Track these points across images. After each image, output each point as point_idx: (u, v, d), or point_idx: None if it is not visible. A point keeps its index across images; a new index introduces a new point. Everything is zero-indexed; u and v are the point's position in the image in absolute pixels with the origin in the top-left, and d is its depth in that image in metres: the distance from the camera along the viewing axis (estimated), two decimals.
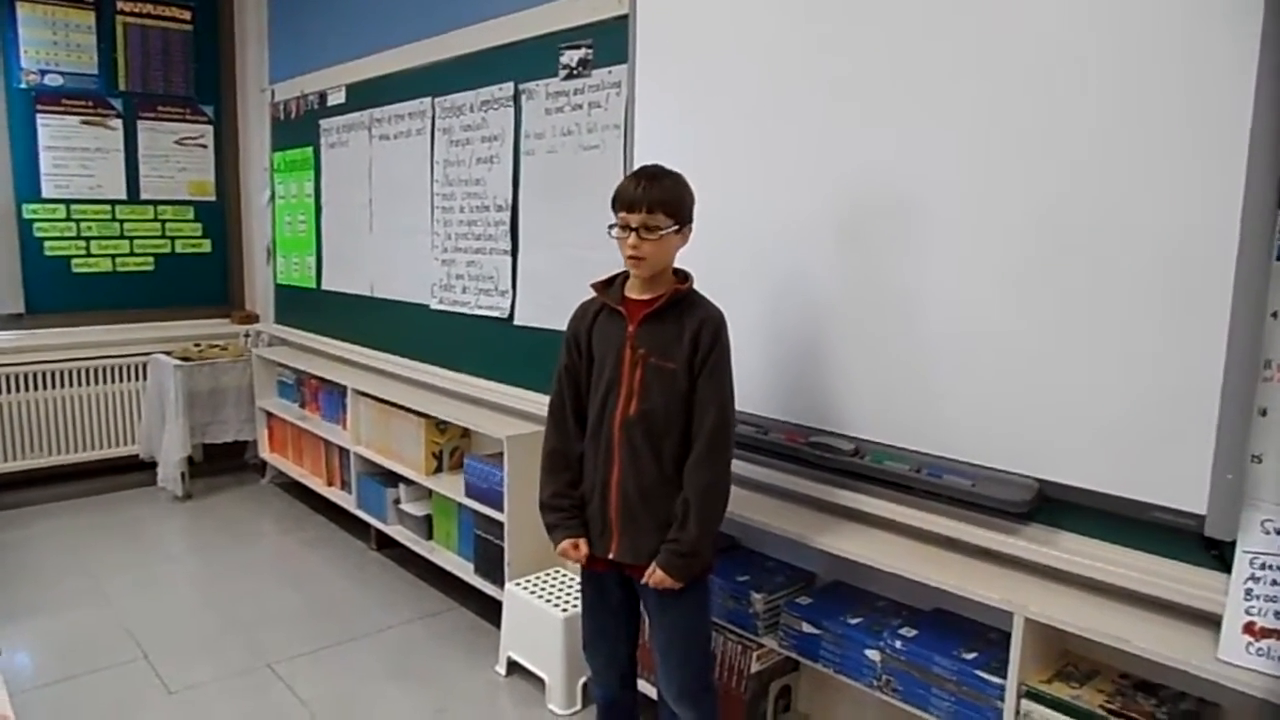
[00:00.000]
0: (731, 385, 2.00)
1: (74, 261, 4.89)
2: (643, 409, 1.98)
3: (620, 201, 1.96)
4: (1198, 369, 1.63)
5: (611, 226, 1.99)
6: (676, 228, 1.96)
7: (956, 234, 1.98)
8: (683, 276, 2.04)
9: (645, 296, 2.02)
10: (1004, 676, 1.81)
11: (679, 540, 1.95)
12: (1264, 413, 1.58)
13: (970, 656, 1.93)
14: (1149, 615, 1.74)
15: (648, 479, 1.99)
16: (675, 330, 1.98)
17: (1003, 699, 1.81)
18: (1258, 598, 1.56)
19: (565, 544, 2.08)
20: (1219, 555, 1.66)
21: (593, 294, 2.10)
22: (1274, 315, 1.56)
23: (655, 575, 1.97)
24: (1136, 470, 1.73)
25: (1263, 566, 1.57)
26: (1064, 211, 1.80)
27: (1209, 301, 1.61)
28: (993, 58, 1.89)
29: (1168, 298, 1.66)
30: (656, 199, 1.93)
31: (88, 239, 4.92)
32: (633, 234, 1.93)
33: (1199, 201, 1.61)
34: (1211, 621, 1.63)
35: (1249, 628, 1.56)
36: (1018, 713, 1.78)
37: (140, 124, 5.02)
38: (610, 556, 2.04)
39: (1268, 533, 1.57)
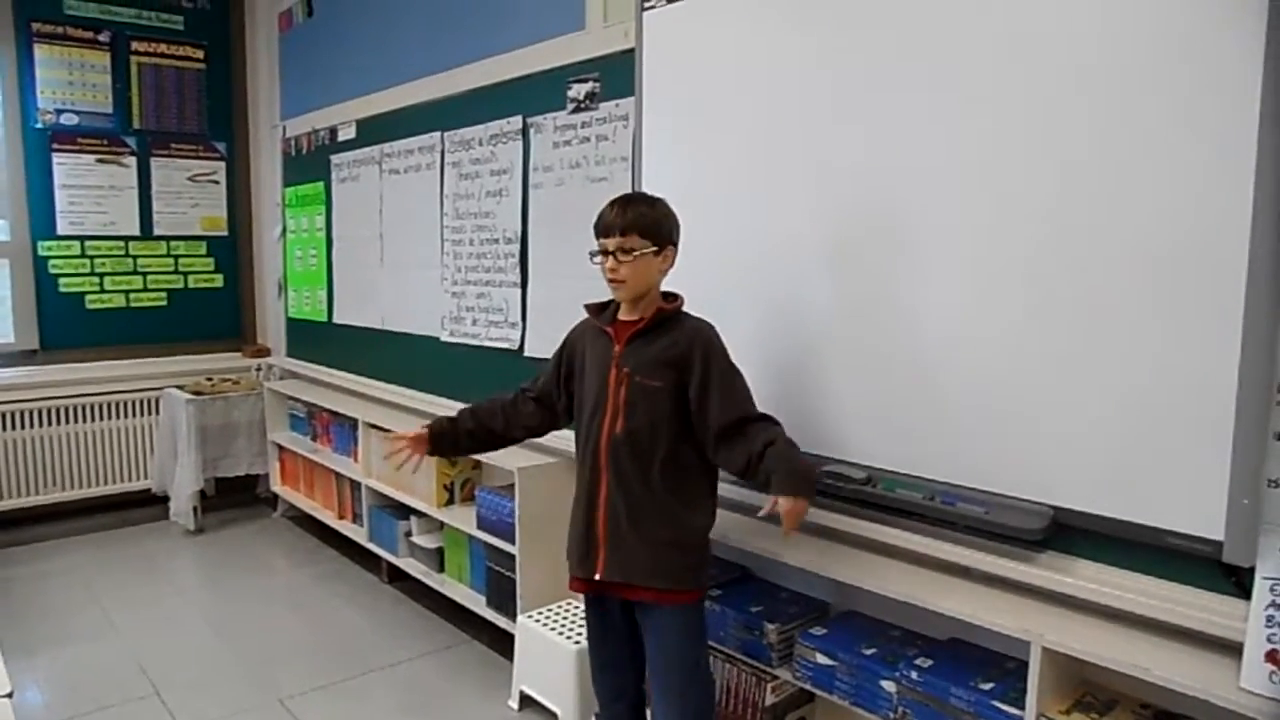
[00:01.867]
0: (743, 379, 2.03)
1: (88, 298, 4.93)
2: (629, 428, 1.99)
3: (599, 227, 2.02)
4: (1214, 393, 1.62)
5: (593, 254, 2.03)
6: (655, 249, 2.00)
7: (961, 259, 1.98)
8: (671, 298, 2.06)
9: (632, 318, 2.05)
10: (1022, 707, 1.79)
11: (783, 458, 1.94)
12: (1279, 437, 1.57)
13: (987, 687, 1.90)
14: (1168, 643, 1.71)
15: (635, 497, 2.00)
16: (661, 349, 2.01)
17: None
18: (1279, 625, 1.54)
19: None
20: (1238, 581, 1.64)
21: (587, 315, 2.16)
22: None
23: (782, 505, 1.91)
24: (1152, 496, 1.72)
25: None
26: (1070, 233, 1.80)
27: (1222, 326, 1.60)
28: (991, 76, 1.90)
29: (1180, 322, 1.66)
30: (630, 222, 1.98)
31: (101, 275, 4.97)
32: (610, 258, 1.97)
33: (1214, 223, 1.60)
34: (1232, 649, 1.61)
35: (1271, 656, 1.53)
36: None
37: (154, 161, 5.08)
38: (596, 577, 2.03)
39: None
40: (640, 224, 1.99)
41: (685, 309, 2.08)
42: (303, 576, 4.16)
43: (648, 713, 2.24)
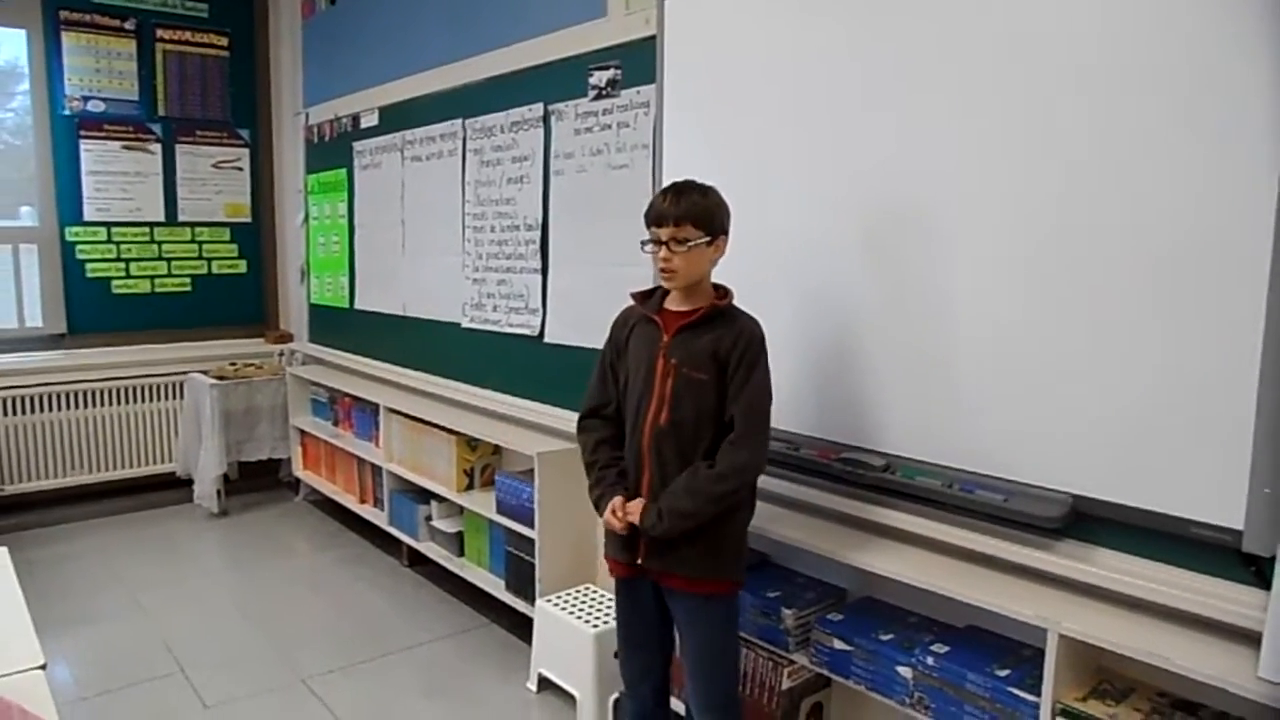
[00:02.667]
0: (768, 385, 2.01)
1: (114, 283, 5.00)
2: (674, 419, 2.00)
3: (651, 216, 2.00)
4: (1235, 382, 1.61)
5: (645, 243, 2.02)
6: (707, 239, 1.98)
7: (986, 248, 1.98)
8: (722, 292, 2.06)
9: (683, 309, 2.05)
10: (1038, 694, 1.80)
11: (682, 492, 1.97)
12: None
13: (1004, 673, 1.91)
14: (1186, 632, 1.71)
15: None
16: (710, 343, 2.00)
17: (1037, 717, 1.79)
18: None
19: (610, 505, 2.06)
20: (1257, 571, 1.64)
21: (633, 303, 2.15)
22: None
23: (630, 504, 2.01)
24: (1172, 485, 1.72)
25: None
26: (1097, 226, 1.79)
27: (1245, 316, 1.59)
28: (1021, 61, 1.90)
29: (1204, 310, 1.65)
30: (684, 212, 1.96)
31: (127, 261, 5.03)
32: (663, 247, 1.97)
33: (1239, 216, 1.60)
34: (1251, 639, 1.60)
35: None
36: None
37: (179, 148, 5.14)
38: (639, 562, 2.05)
39: None
40: (694, 213, 1.97)
41: (734, 303, 2.07)
42: (324, 559, 4.21)
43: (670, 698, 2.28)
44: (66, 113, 4.78)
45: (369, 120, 4.52)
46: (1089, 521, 1.86)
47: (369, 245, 4.64)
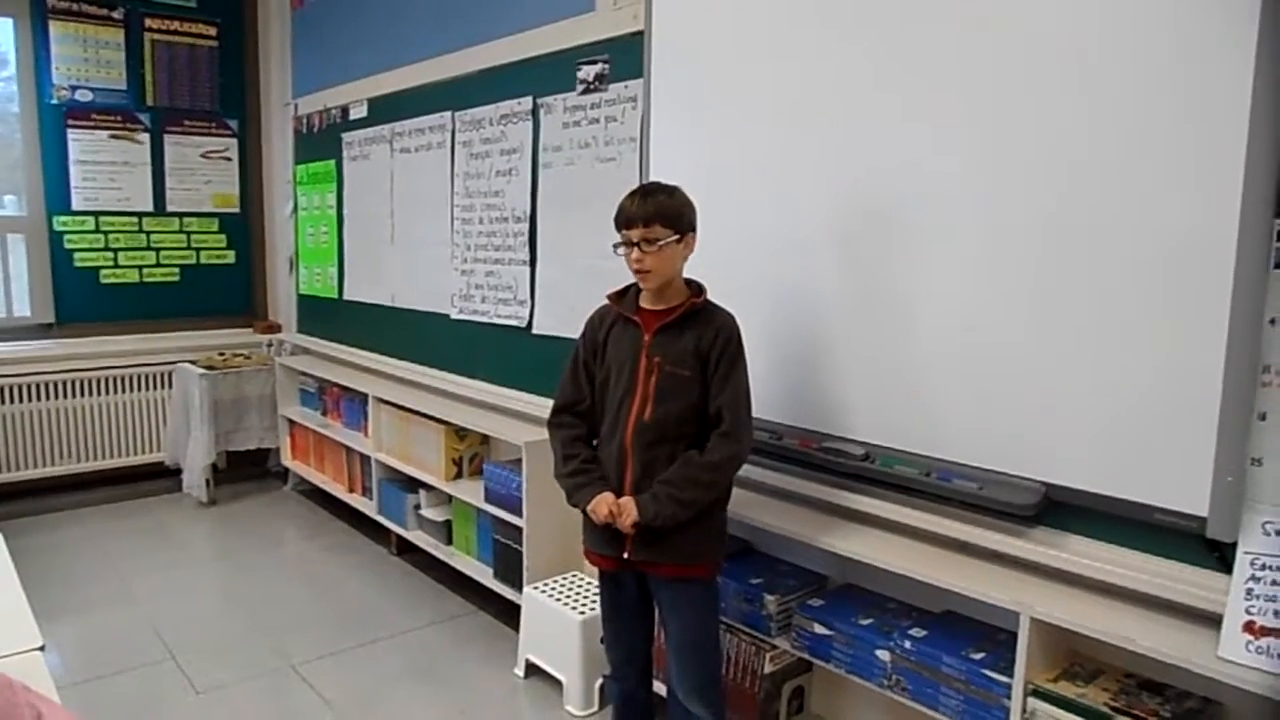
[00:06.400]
0: (747, 378, 2.07)
1: (102, 272, 5.00)
2: (658, 414, 2.04)
3: (621, 220, 2.05)
4: (1199, 374, 1.67)
5: (617, 245, 2.07)
6: (677, 237, 2.04)
7: (959, 242, 2.03)
8: (697, 289, 2.11)
9: (660, 307, 2.09)
10: (1011, 676, 1.85)
11: (676, 482, 2.01)
12: (1263, 417, 1.62)
13: (978, 656, 1.97)
14: (1153, 615, 1.77)
15: None
16: (691, 339, 2.05)
17: (1010, 697, 1.85)
18: (1258, 597, 1.60)
19: (599, 499, 2.08)
20: (1220, 556, 1.70)
21: (607, 302, 2.18)
22: (1271, 322, 1.60)
23: (623, 501, 2.03)
24: (1140, 473, 1.77)
25: (1263, 567, 1.61)
26: (1064, 217, 1.84)
27: (1209, 307, 1.65)
28: (996, 67, 1.94)
29: (1169, 304, 1.71)
30: (652, 212, 2.01)
31: (115, 250, 5.03)
32: (635, 249, 2.01)
33: (1200, 206, 1.65)
34: (1213, 621, 1.66)
35: (1249, 626, 1.59)
36: (1024, 711, 1.82)
37: (167, 138, 5.14)
38: (626, 557, 2.10)
39: (1268, 534, 1.61)
40: (662, 213, 2.02)
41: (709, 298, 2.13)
42: (313, 548, 4.25)
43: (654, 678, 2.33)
44: (54, 102, 4.78)
45: (358, 112, 4.53)
46: (1061, 509, 1.92)
47: (358, 236, 4.66)
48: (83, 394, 4.81)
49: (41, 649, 1.54)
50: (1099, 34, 1.78)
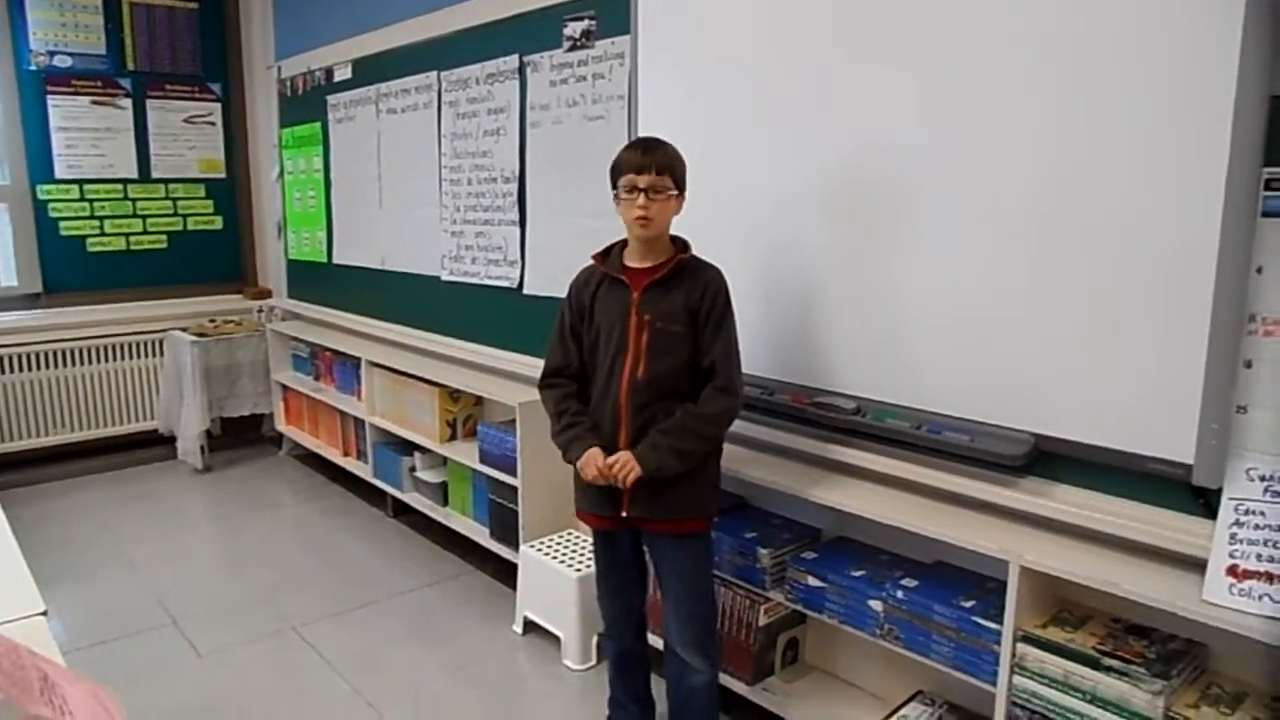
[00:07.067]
0: (735, 333, 2.09)
1: (89, 241, 4.96)
2: (651, 372, 2.05)
3: (626, 166, 2.03)
4: (1186, 324, 1.68)
5: (617, 194, 2.06)
6: (676, 192, 2.05)
7: (951, 198, 2.03)
8: (682, 245, 2.11)
9: (646, 264, 2.09)
10: (1001, 623, 1.89)
11: (673, 431, 2.03)
12: (1249, 365, 1.64)
13: (969, 604, 2.00)
14: (1139, 562, 1.81)
15: None
16: (680, 295, 2.06)
17: (999, 643, 1.89)
18: (1241, 541, 1.63)
19: (588, 455, 2.08)
20: (1205, 503, 1.73)
21: (591, 263, 2.18)
22: (1258, 270, 1.61)
23: (620, 455, 2.04)
24: (1128, 423, 1.79)
25: (1246, 512, 1.64)
26: (1055, 170, 1.85)
27: (1197, 256, 1.66)
28: (993, 41, 1.93)
29: (1159, 256, 1.71)
30: (663, 162, 2.02)
31: (101, 219, 4.99)
32: (641, 195, 2.00)
33: (1190, 161, 1.65)
34: (1198, 566, 1.69)
35: (1232, 570, 1.62)
36: (1014, 655, 1.86)
37: (149, 103, 5.07)
38: (624, 515, 2.12)
39: (1252, 480, 1.64)
40: (669, 164, 2.03)
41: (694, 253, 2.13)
42: (310, 512, 4.27)
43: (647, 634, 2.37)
44: (32, 68, 4.70)
45: (342, 73, 4.48)
46: (1050, 459, 1.94)
47: (346, 199, 4.63)
48: (74, 363, 4.80)
49: (44, 615, 1.56)
50: (1100, 17, 1.77)
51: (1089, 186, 1.80)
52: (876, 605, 2.14)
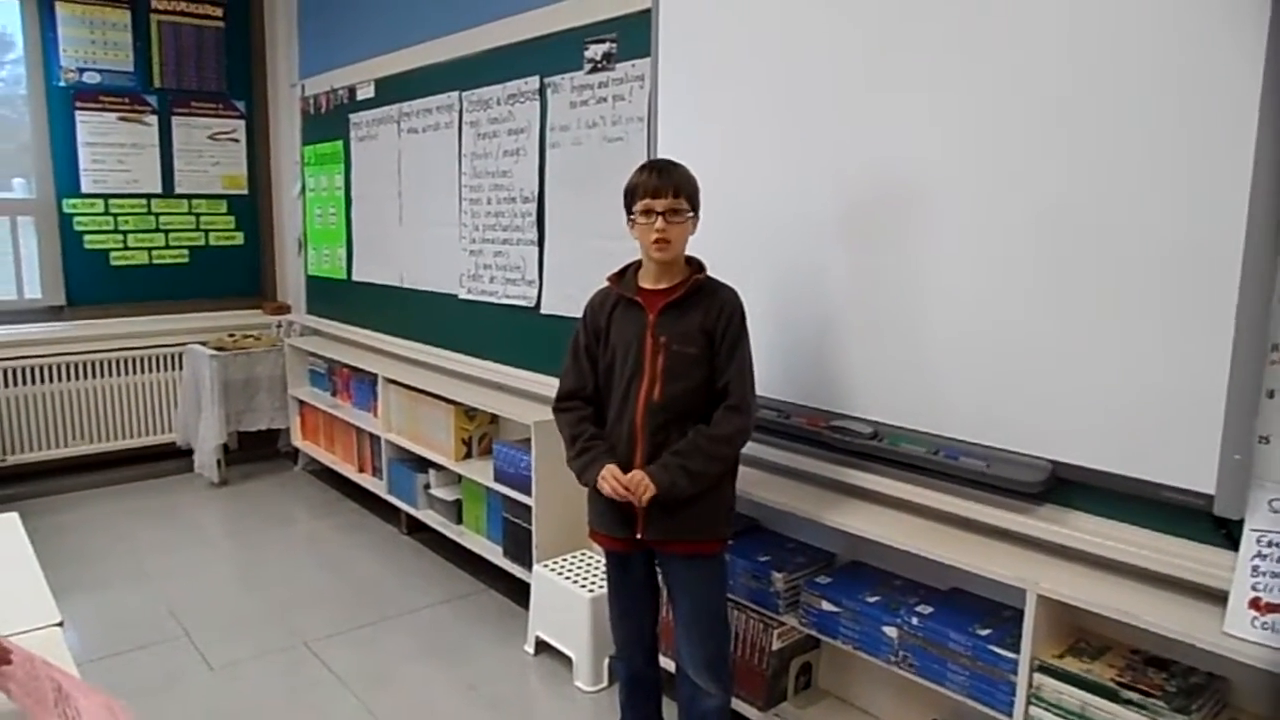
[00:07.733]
0: (750, 353, 2.09)
1: (112, 255, 5.02)
2: (667, 394, 2.05)
3: (643, 190, 2.04)
4: (1207, 352, 1.67)
5: (632, 219, 2.06)
6: (692, 214, 2.05)
7: (966, 222, 2.03)
8: (698, 265, 2.12)
9: (662, 286, 2.10)
10: (1018, 652, 1.87)
11: (686, 453, 2.02)
12: (1271, 394, 1.62)
13: (985, 633, 1.98)
14: (1158, 592, 1.78)
15: None
16: (697, 316, 2.05)
17: (1016, 673, 1.87)
18: (1264, 574, 1.61)
19: (605, 470, 2.07)
20: (1227, 533, 1.71)
21: (606, 284, 2.19)
22: None
23: (634, 474, 2.02)
24: (1147, 451, 1.78)
25: (1269, 544, 1.62)
26: (1073, 197, 1.84)
27: (1218, 286, 1.64)
28: (1004, 55, 1.93)
29: (1179, 282, 1.70)
30: (679, 185, 2.03)
31: (125, 233, 5.05)
32: (659, 218, 2.01)
33: (1208, 187, 1.65)
34: (1219, 598, 1.67)
35: (1254, 603, 1.60)
36: (1031, 686, 1.84)
37: (174, 119, 5.14)
38: (639, 537, 2.11)
39: (1275, 511, 1.62)
40: (686, 187, 2.04)
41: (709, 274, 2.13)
42: (324, 527, 4.28)
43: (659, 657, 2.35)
44: (62, 84, 4.78)
45: (365, 92, 4.53)
46: (1068, 487, 1.93)
47: (366, 217, 4.67)
48: (94, 375, 4.84)
49: (60, 625, 1.57)
50: (1107, 24, 1.77)
51: (1110, 212, 1.79)
52: (891, 631, 2.12)
